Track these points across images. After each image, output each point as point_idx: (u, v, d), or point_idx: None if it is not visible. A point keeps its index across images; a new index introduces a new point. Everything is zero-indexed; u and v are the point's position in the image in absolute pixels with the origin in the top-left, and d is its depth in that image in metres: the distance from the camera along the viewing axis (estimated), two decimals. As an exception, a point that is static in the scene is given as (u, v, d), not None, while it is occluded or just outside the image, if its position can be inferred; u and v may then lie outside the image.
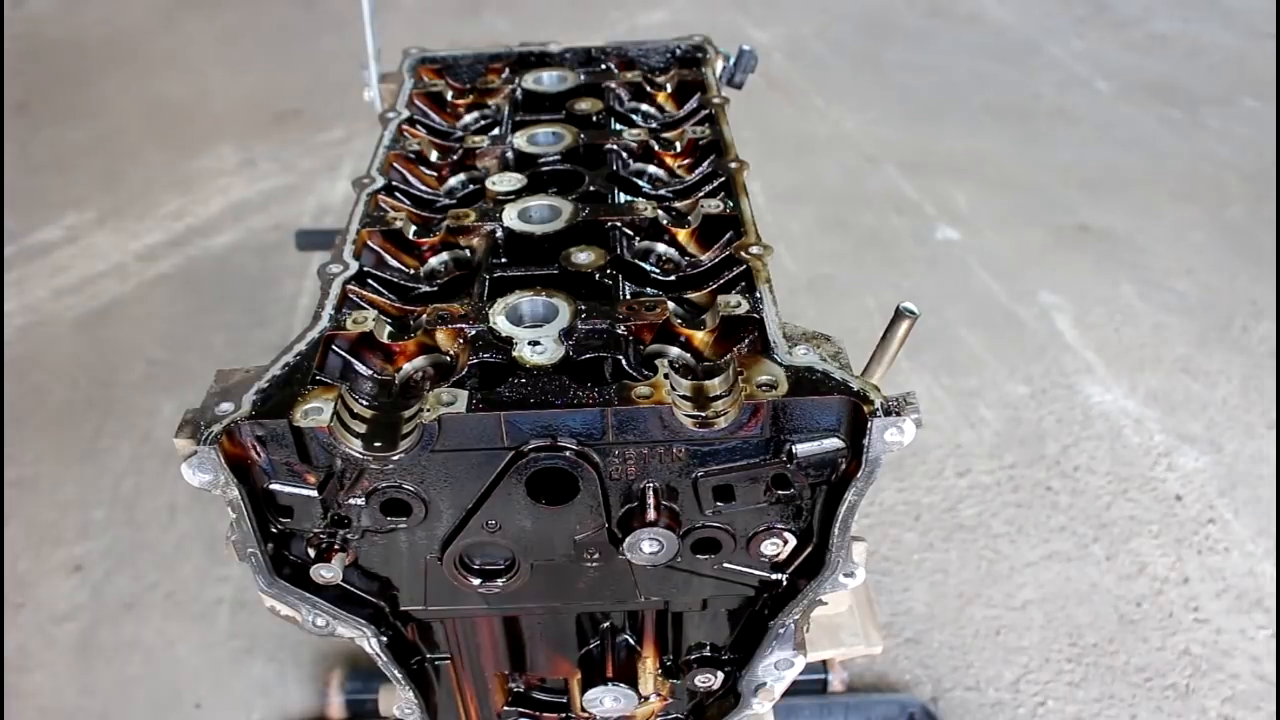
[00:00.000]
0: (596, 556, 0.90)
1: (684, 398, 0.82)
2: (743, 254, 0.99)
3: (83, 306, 3.08)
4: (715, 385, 0.83)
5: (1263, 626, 2.06)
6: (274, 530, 0.89)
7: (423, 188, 1.22)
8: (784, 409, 0.82)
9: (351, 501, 0.85)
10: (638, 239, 1.07)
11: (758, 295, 0.94)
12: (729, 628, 1.06)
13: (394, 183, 1.19)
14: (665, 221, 1.08)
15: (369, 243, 1.05)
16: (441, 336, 0.90)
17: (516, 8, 4.99)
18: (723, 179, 1.14)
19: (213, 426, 0.79)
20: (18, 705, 1.97)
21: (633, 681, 1.08)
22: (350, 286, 0.97)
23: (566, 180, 1.16)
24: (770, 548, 0.90)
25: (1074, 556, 2.22)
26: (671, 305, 0.94)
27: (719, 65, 1.47)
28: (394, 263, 1.06)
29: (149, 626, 2.10)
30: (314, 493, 0.86)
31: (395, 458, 0.80)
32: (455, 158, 1.25)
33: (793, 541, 0.90)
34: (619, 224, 1.06)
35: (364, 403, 0.82)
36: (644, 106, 1.39)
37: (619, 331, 0.90)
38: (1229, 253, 3.19)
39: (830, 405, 0.82)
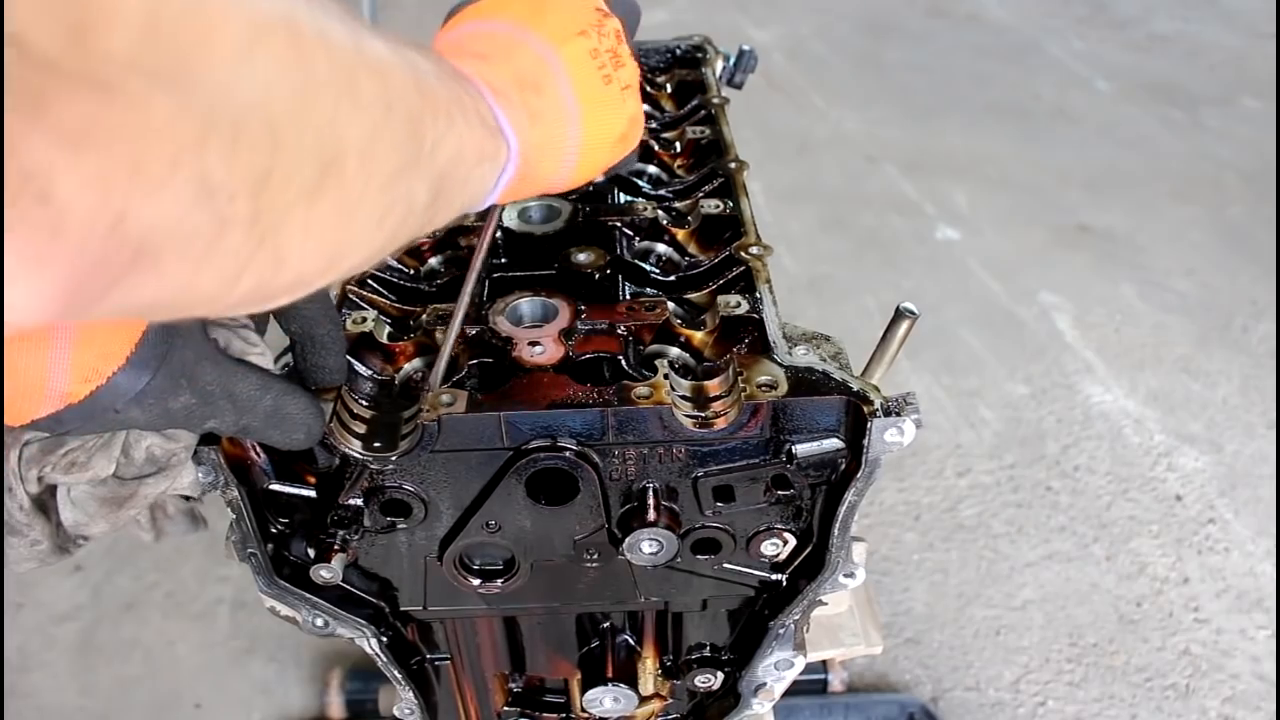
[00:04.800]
0: (596, 557, 0.90)
1: (684, 398, 0.82)
2: (742, 254, 0.99)
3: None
4: (715, 385, 0.83)
5: (1263, 626, 2.06)
6: (274, 530, 0.89)
7: (422, 188, 1.21)
8: (784, 409, 0.82)
9: (351, 502, 0.85)
10: (637, 239, 1.07)
11: (757, 295, 0.93)
12: (729, 628, 1.06)
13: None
14: (665, 221, 1.08)
15: (369, 243, 1.05)
16: (441, 337, 0.90)
17: (516, 7, 4.98)
18: (722, 179, 1.14)
19: (213, 426, 0.79)
20: (17, 705, 1.97)
21: (633, 682, 1.08)
22: (350, 287, 0.97)
23: (566, 180, 1.16)
24: (770, 548, 0.90)
25: (1074, 556, 2.22)
26: (671, 305, 0.94)
27: (719, 65, 1.46)
28: (393, 263, 1.06)
29: (149, 626, 2.10)
30: (314, 493, 0.86)
31: (394, 458, 0.81)
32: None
33: (793, 542, 0.90)
34: (619, 224, 1.06)
35: (364, 403, 0.82)
36: (643, 106, 1.39)
37: (619, 332, 0.90)
38: (1229, 253, 3.20)
39: (830, 405, 0.82)
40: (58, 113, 0.32)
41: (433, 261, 1.07)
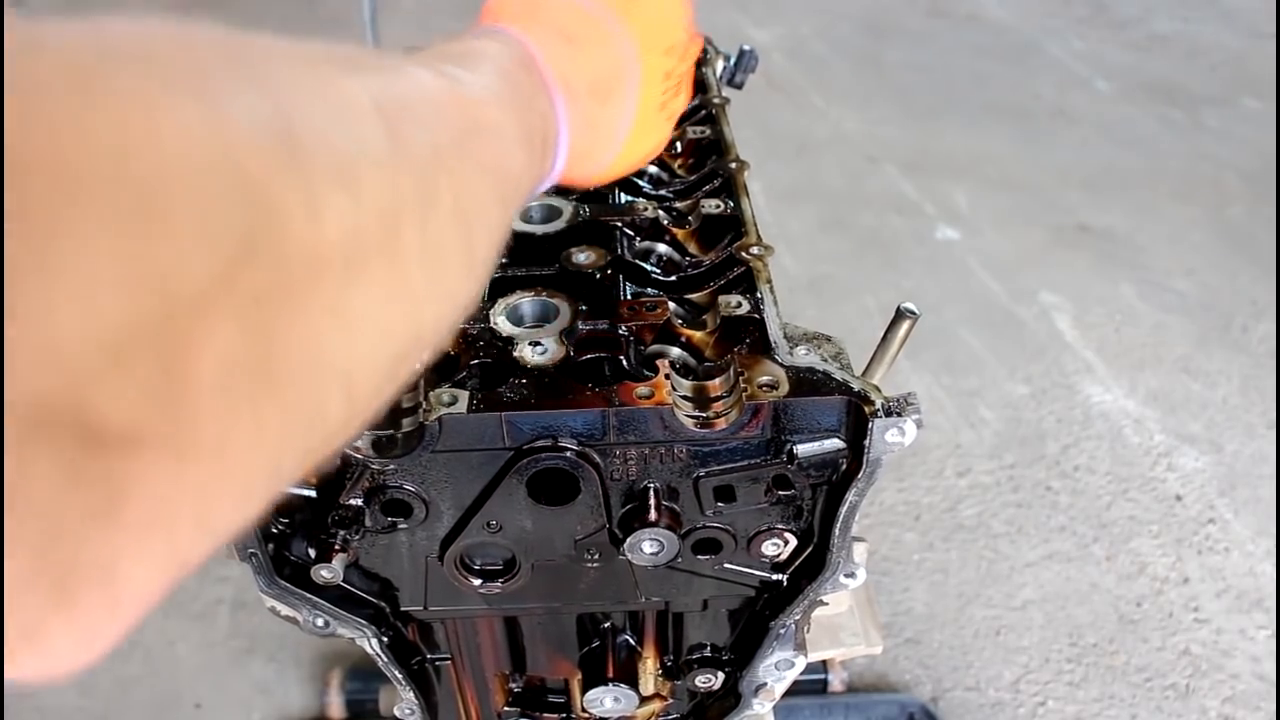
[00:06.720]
0: (597, 557, 0.90)
1: (685, 398, 0.82)
2: (743, 254, 0.99)
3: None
4: (716, 386, 0.83)
5: (1263, 626, 2.06)
6: (274, 530, 0.89)
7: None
8: (785, 409, 0.81)
9: (352, 501, 0.85)
10: (638, 239, 1.07)
11: (758, 295, 0.93)
12: (729, 628, 1.06)
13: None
14: (666, 221, 1.08)
15: (369, 243, 1.05)
16: (442, 336, 0.90)
17: (516, 7, 4.98)
18: (723, 179, 1.14)
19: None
20: (17, 705, 1.97)
21: (633, 682, 1.08)
22: (351, 286, 0.97)
23: (566, 180, 1.16)
24: (771, 548, 0.90)
25: (1074, 556, 2.22)
26: (672, 305, 0.94)
27: (719, 65, 1.46)
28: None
29: (149, 626, 2.10)
30: (314, 493, 0.86)
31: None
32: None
33: (793, 542, 0.90)
34: (619, 224, 1.06)
35: None
36: (644, 106, 1.39)
37: (620, 332, 0.90)
38: (1229, 253, 3.20)
39: (832, 406, 0.82)
40: (137, 500, 0.27)
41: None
